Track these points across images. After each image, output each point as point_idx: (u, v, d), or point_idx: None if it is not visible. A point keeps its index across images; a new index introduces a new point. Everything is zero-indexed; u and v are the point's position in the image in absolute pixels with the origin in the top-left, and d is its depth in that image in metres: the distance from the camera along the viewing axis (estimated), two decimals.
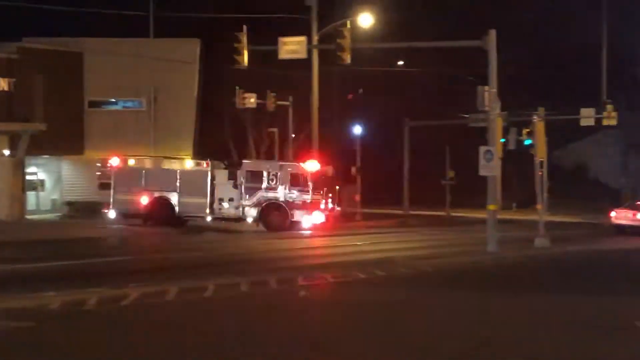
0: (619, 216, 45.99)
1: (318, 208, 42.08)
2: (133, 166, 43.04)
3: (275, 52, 35.36)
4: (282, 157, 52.67)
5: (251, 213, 42.04)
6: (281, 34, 35.88)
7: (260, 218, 41.94)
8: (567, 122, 54.63)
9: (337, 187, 47.23)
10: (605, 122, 50.97)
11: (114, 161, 43.27)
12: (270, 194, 41.96)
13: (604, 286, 20.36)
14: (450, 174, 61.83)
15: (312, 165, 42.61)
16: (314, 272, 22.63)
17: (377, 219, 53.69)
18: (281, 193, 41.87)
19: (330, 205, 43.52)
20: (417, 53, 61.11)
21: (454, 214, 60.82)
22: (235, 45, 35.05)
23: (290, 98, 52.75)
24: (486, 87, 31.96)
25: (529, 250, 31.85)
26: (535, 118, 38.45)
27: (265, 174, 42.16)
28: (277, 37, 35.43)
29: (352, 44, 34.76)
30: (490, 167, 30.81)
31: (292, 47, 35.21)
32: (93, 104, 53.58)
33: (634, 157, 69.60)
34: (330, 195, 43.57)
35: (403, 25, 62.04)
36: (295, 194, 41.80)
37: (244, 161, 45.14)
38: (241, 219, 42.30)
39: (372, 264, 25.00)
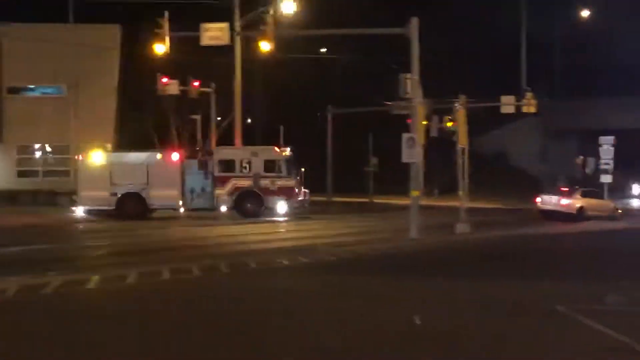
0: (545, 202, 46.77)
1: (293, 193, 42.17)
2: (100, 161, 41.79)
3: (198, 39, 35.05)
4: (205, 144, 52.41)
5: (225, 202, 41.89)
6: (205, 20, 35.57)
7: (235, 206, 41.88)
8: (488, 109, 55.36)
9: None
10: (525, 110, 51.86)
11: (81, 156, 42.08)
12: (244, 182, 41.86)
13: (525, 271, 20.67)
14: (373, 160, 62.16)
15: (284, 151, 42.75)
16: (237, 259, 22.60)
17: None
18: (255, 180, 41.77)
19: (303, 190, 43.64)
20: (341, 41, 61.34)
21: (377, 201, 61.19)
22: (157, 31, 34.64)
23: (213, 85, 52.48)
24: (408, 75, 32.18)
25: (450, 236, 32.22)
26: (456, 105, 38.88)
27: (237, 161, 42.08)
28: (200, 24, 35.13)
29: (276, 31, 34.69)
30: (412, 154, 31.05)
31: (214, 33, 34.93)
32: (11, 91, 52.67)
33: (553, 144, 70.81)
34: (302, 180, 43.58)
35: (327, 12, 62.11)
36: (269, 180, 41.80)
37: (215, 149, 44.82)
38: (214, 208, 42.05)
39: (295, 250, 25.05)
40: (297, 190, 42.47)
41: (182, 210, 42.10)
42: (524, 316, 13.87)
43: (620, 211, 47.56)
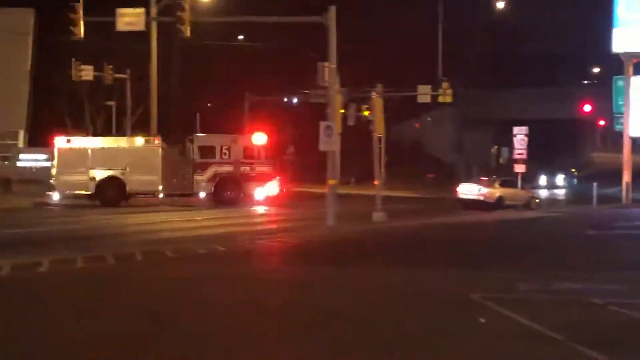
0: (464, 191, 47.35)
1: (272, 180, 43.11)
2: (79, 146, 41.48)
3: (114, 24, 34.57)
4: (119, 131, 51.89)
5: (204, 188, 42.26)
6: (122, 5, 35.08)
7: (215, 193, 42.30)
8: (406, 98, 55.82)
9: None
10: (441, 99, 52.42)
11: (58, 141, 41.60)
12: (224, 168, 42.33)
13: (441, 259, 20.87)
14: (291, 149, 62.20)
15: (263, 137, 43.23)
16: (156, 247, 22.39)
17: None
18: (235, 166, 42.31)
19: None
20: (260, 28, 61.12)
21: (295, 189, 61.25)
22: (71, 15, 34.03)
23: (128, 71, 51.87)
24: (326, 63, 32.23)
25: (367, 224, 32.37)
26: (374, 94, 39.09)
27: (217, 148, 42.36)
28: (116, 9, 34.65)
29: (193, 17, 34.40)
30: (330, 142, 31.12)
31: (129, 19, 34.51)
32: None
33: (468, 133, 71.73)
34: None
35: (246, 0, 61.82)
36: (248, 167, 42.45)
37: (195, 135, 44.77)
38: (194, 194, 42.46)
39: (213, 239, 24.94)
40: (274, 177, 43.58)
41: (161, 196, 42.19)
42: (437, 304, 14.01)
43: (537, 200, 48.48)
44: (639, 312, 12.65)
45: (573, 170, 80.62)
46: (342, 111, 35.87)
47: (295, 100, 64.45)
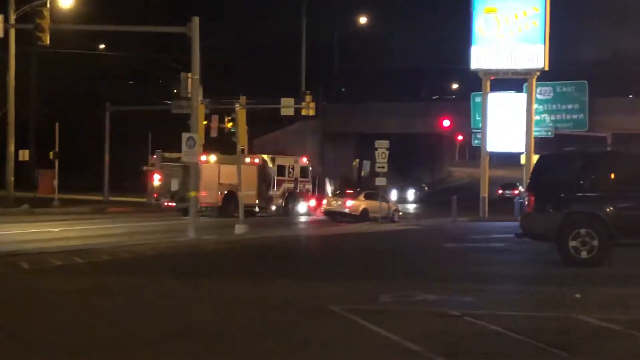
0: (330, 203, 48.06)
1: (311, 196, 52.31)
2: (213, 162, 46.72)
3: None
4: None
5: (277, 202, 50.02)
6: None
7: (284, 206, 50.08)
8: (270, 110, 55.94)
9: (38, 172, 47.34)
10: (304, 112, 52.79)
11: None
12: (290, 185, 50.82)
13: (303, 271, 20.95)
14: (152, 160, 61.40)
15: (306, 159, 52.46)
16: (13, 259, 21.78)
17: (77, 205, 52.47)
18: (295, 184, 51.03)
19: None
20: (123, 37, 60.37)
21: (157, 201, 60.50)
22: None
23: None
24: (189, 74, 32.06)
25: (229, 236, 32.29)
26: (237, 106, 39.07)
27: (287, 167, 50.77)
28: None
29: (52, 25, 33.70)
30: (192, 153, 30.96)
31: None
32: None
33: (331, 146, 72.40)
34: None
35: (111, 9, 61.00)
36: (302, 184, 51.57)
37: (275, 156, 51.44)
38: (268, 207, 49.33)
39: (71, 251, 24.40)
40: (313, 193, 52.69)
41: (257, 209, 47.76)
42: (296, 316, 14.03)
43: (400, 213, 49.45)
44: (493, 323, 12.99)
45: (424, 185, 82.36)
46: (205, 122, 35.70)
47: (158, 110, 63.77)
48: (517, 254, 24.41)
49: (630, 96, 69.31)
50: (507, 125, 53.59)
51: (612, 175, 21.13)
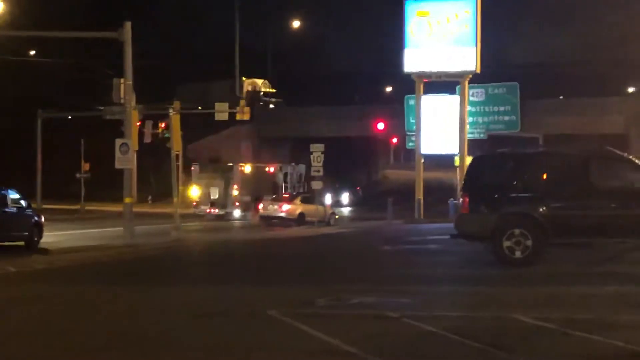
0: (266, 208, 47.95)
1: None
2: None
3: None
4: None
5: None
6: None
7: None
8: (204, 115, 55.68)
9: None
10: (238, 117, 52.52)
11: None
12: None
13: (241, 276, 20.85)
14: (85, 167, 60.83)
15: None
16: None
17: None
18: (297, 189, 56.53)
19: None
20: (54, 43, 59.58)
21: (89, 208, 59.91)
22: None
23: None
24: (122, 79, 31.78)
25: (165, 242, 32.06)
26: (171, 111, 38.83)
27: (289, 174, 57.61)
28: None
29: None
30: (126, 159, 30.69)
31: None
32: None
33: (266, 150, 72.23)
34: None
35: (42, 14, 60.19)
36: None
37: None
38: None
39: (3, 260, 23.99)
40: None
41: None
42: (234, 321, 13.94)
43: (337, 216, 49.53)
44: (430, 324, 13.03)
45: (357, 188, 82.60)
46: (139, 124, 35.43)
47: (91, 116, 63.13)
48: (453, 255, 24.57)
49: (561, 97, 70.37)
50: (440, 128, 54.02)
51: (544, 175, 21.35)
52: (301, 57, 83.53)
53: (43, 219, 30.65)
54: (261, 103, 69.47)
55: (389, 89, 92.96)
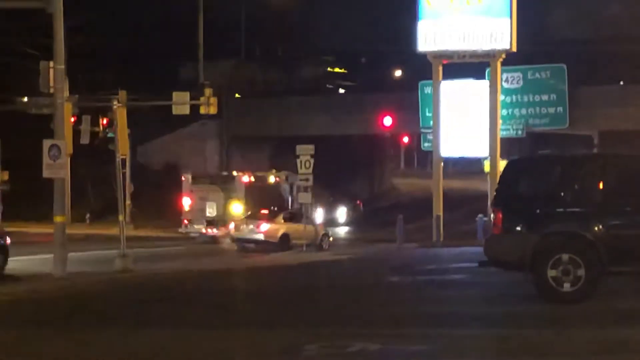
0: (239, 228, 47.73)
1: None
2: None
3: None
4: None
5: None
6: None
7: None
8: (158, 109, 55.58)
9: None
10: (203, 110, 52.33)
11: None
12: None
13: (203, 317, 20.82)
14: (4, 176, 60.64)
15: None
16: None
17: None
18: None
19: None
20: None
21: (9, 229, 59.71)
22: None
23: None
24: (51, 63, 31.71)
25: (107, 273, 32.01)
26: (115, 104, 38.72)
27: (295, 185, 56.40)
28: None
29: None
30: (57, 166, 30.60)
31: None
32: None
33: (239, 153, 72.19)
34: None
35: None
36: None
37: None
38: None
39: None
40: None
41: None
42: None
43: (331, 238, 49.38)
44: None
45: (358, 202, 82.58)
46: (74, 120, 35.42)
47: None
48: (482, 287, 24.60)
49: (622, 83, 70.26)
50: (465, 123, 54.01)
51: (601, 185, 21.37)
52: (284, 34, 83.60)
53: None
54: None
55: (398, 73, 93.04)
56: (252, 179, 56.02)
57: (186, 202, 54.79)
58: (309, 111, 69.18)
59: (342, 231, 66.42)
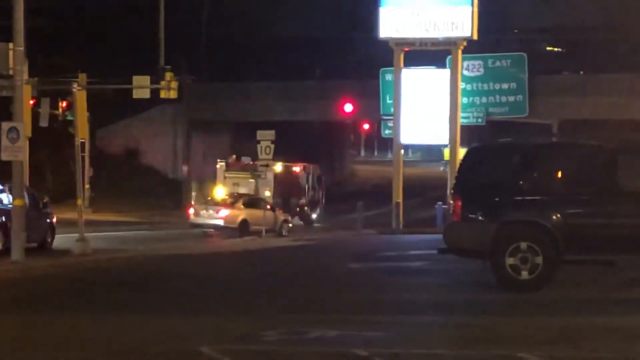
0: (198, 213, 47.71)
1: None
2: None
3: None
4: None
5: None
6: None
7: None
8: (117, 93, 55.32)
9: None
10: (163, 95, 52.05)
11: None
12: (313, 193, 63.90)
13: (164, 303, 20.77)
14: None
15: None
16: None
17: None
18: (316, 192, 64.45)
19: None
20: None
21: None
22: None
23: None
24: (10, 44, 31.52)
25: (66, 258, 31.87)
26: (75, 87, 38.52)
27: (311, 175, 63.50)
28: None
29: None
30: (15, 149, 30.42)
31: None
32: None
33: (200, 138, 71.97)
34: None
35: None
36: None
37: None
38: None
39: None
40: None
41: None
42: None
43: (291, 225, 49.42)
44: None
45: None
46: (32, 102, 35.21)
47: None
48: (441, 275, 24.68)
49: (581, 72, 70.55)
50: (426, 111, 54.13)
51: (559, 173, 21.48)
52: (246, 20, 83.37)
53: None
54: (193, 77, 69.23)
55: (358, 60, 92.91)
56: (282, 169, 58.81)
57: (219, 189, 56.04)
58: (270, 97, 69.08)
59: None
